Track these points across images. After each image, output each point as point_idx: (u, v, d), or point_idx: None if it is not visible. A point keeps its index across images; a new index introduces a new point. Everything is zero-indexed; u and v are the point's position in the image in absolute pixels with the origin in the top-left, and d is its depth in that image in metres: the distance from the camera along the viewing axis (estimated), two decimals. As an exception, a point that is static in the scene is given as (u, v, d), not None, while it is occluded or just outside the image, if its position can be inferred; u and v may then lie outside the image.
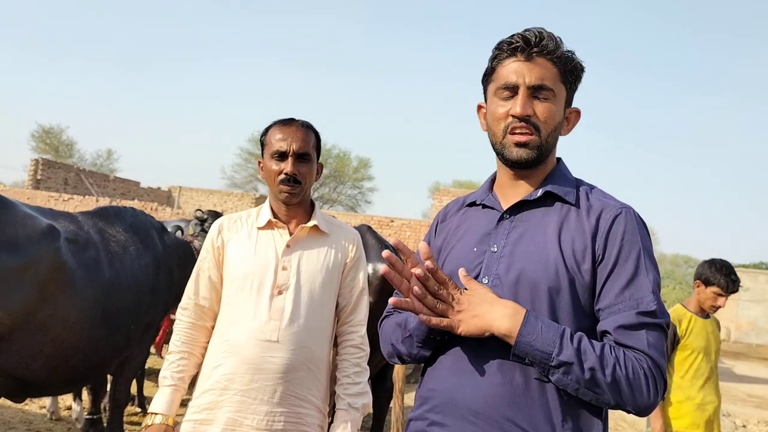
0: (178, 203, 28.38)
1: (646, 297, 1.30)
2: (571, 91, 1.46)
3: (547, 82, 1.39)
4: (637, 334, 1.27)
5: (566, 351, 1.23)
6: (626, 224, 1.35)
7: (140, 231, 3.68)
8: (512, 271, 1.36)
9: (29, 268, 2.80)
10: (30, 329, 2.83)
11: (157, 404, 2.03)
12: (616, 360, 1.23)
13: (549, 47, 1.39)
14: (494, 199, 1.51)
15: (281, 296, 2.02)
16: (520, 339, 1.25)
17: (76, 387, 3.63)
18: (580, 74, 1.46)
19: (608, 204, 1.39)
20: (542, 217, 1.41)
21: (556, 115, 1.41)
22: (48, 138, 33.93)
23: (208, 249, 2.14)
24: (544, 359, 1.24)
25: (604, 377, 1.22)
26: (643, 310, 1.28)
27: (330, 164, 31.14)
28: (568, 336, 1.25)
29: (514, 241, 1.40)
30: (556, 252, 1.34)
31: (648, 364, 1.25)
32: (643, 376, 1.23)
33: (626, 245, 1.33)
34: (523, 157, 1.40)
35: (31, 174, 22.27)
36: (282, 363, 1.97)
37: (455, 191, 18.10)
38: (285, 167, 2.06)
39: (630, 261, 1.32)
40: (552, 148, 1.45)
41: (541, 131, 1.40)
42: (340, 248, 2.16)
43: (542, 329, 1.25)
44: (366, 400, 2.12)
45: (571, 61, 1.42)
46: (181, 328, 2.12)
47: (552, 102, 1.40)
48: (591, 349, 1.24)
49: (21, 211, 2.93)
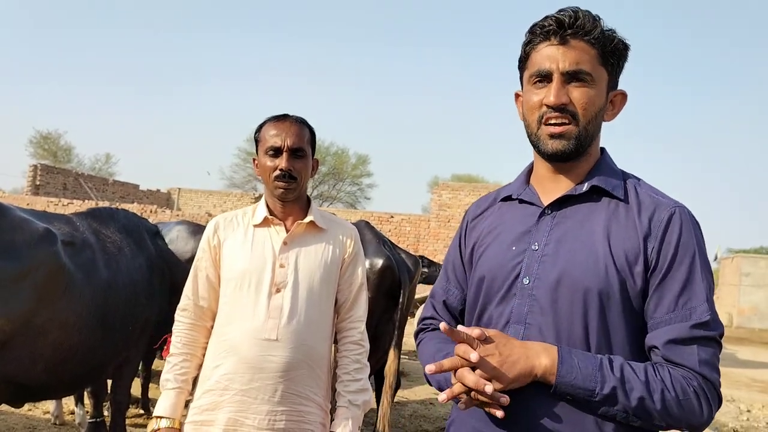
0: (177, 205, 28.38)
1: (699, 306, 1.20)
2: (615, 73, 1.34)
3: (584, 65, 1.28)
4: (687, 350, 1.18)
5: (609, 384, 1.15)
6: (682, 226, 1.25)
7: (133, 232, 3.68)
8: (555, 271, 1.27)
9: (28, 273, 2.79)
10: (30, 334, 2.82)
11: (161, 408, 2.01)
12: (662, 384, 1.16)
13: (585, 27, 1.28)
14: (532, 193, 1.41)
15: (279, 294, 2.01)
16: (560, 380, 1.18)
17: (77, 390, 3.64)
18: (624, 53, 1.34)
19: (661, 202, 1.29)
20: (588, 213, 1.31)
21: (596, 100, 1.30)
22: (46, 143, 33.94)
23: (205, 248, 2.12)
24: (588, 395, 1.17)
25: (653, 404, 1.15)
26: (696, 321, 1.19)
27: (328, 162, 31.13)
28: (608, 367, 1.17)
29: (558, 239, 1.31)
30: (605, 252, 1.25)
31: (698, 382, 1.17)
32: (693, 395, 1.16)
33: (681, 249, 1.23)
34: (559, 149, 1.30)
35: (30, 180, 22.27)
36: (282, 361, 1.96)
37: (454, 185, 18.09)
38: (280, 163, 2.03)
39: (684, 266, 1.22)
40: (594, 138, 1.34)
41: (579, 119, 1.29)
42: (337, 244, 2.14)
43: (579, 365, 1.17)
44: (367, 397, 2.10)
45: (612, 40, 1.30)
46: (181, 330, 2.10)
47: (590, 87, 1.29)
48: (635, 376, 1.16)
49: (17, 215, 2.91)
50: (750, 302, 24.98)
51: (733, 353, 15.09)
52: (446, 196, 17.20)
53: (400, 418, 5.87)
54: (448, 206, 17.05)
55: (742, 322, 25.75)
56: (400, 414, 5.98)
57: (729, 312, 26.95)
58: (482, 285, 1.40)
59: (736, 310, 26.22)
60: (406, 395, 6.79)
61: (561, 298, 1.26)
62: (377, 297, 4.03)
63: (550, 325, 1.26)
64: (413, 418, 5.96)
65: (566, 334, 1.25)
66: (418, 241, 17.11)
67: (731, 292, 27.20)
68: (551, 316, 1.26)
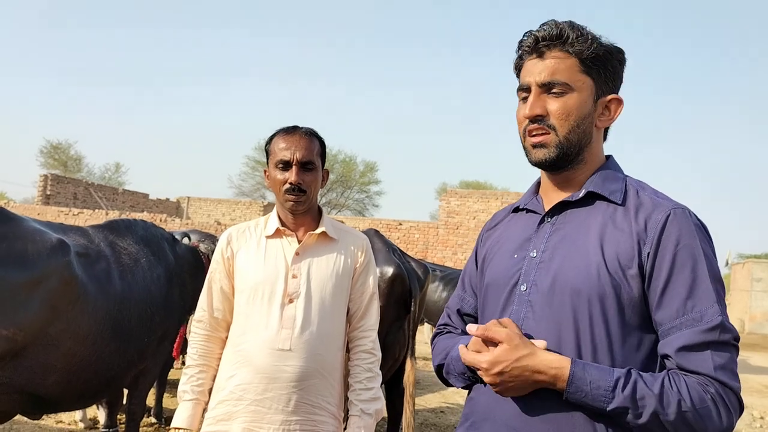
0: (187, 213, 28.50)
1: (708, 309, 1.17)
2: (603, 79, 1.34)
3: (560, 76, 1.31)
4: (701, 356, 1.16)
5: (619, 401, 1.14)
6: (681, 226, 1.22)
7: (151, 243, 3.67)
8: (550, 276, 1.28)
9: (40, 283, 2.80)
10: (42, 344, 2.84)
11: (179, 419, 2.04)
12: (678, 395, 1.13)
13: (562, 38, 1.31)
14: (538, 202, 1.43)
15: (292, 304, 2.03)
16: (567, 396, 1.18)
17: (92, 402, 3.63)
18: (610, 58, 1.34)
19: (660, 204, 1.27)
20: (585, 218, 1.32)
21: (576, 108, 1.31)
22: (56, 153, 34.23)
23: (218, 260, 2.14)
24: (598, 409, 1.17)
25: (667, 416, 1.13)
26: (707, 326, 1.16)
27: (336, 169, 31.19)
28: (621, 386, 1.15)
29: (555, 245, 1.32)
30: (597, 255, 1.24)
31: (716, 388, 1.14)
32: (711, 402, 1.13)
33: (682, 251, 1.20)
34: (541, 158, 1.33)
35: (40, 190, 22.44)
36: (295, 371, 1.98)
37: (462, 192, 18.09)
38: (289, 177, 2.05)
39: (687, 269, 1.19)
40: (581, 145, 1.34)
41: (557, 129, 1.31)
42: (349, 254, 2.16)
43: (591, 384, 1.16)
44: (379, 406, 2.11)
45: (590, 47, 1.31)
46: (197, 341, 2.13)
47: (568, 96, 1.31)
48: (649, 392, 1.14)
49: (30, 226, 2.94)
50: (762, 308, 24.75)
51: (746, 359, 14.96)
52: (455, 202, 17.21)
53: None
54: (456, 213, 17.05)
55: (754, 328, 25.51)
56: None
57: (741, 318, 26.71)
58: (488, 293, 1.43)
59: (748, 316, 25.99)
60: (417, 403, 6.77)
61: (554, 304, 1.26)
62: (388, 306, 4.04)
63: (543, 331, 1.26)
64: (424, 427, 5.95)
65: (558, 339, 1.25)
66: (426, 248, 17.11)
67: (743, 297, 26.98)
68: (544, 322, 1.27)
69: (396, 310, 4.27)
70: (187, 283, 3.78)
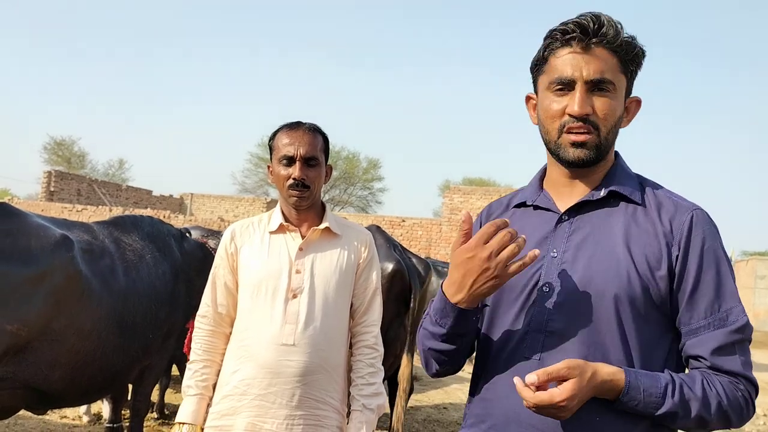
0: (190, 210, 28.55)
1: (734, 309, 1.23)
2: (632, 79, 1.34)
3: (608, 74, 1.26)
4: (732, 357, 1.22)
5: (668, 406, 1.18)
6: (704, 229, 1.25)
7: (157, 239, 3.67)
8: (575, 277, 1.26)
9: (43, 278, 2.81)
10: (46, 340, 2.85)
11: (184, 414, 2.05)
12: (718, 396, 1.19)
13: (608, 35, 1.25)
14: (548, 199, 1.39)
15: (296, 300, 2.03)
16: (622, 404, 1.18)
17: (96, 397, 3.64)
18: (641, 61, 1.33)
19: (680, 204, 1.28)
20: (606, 218, 1.30)
21: (617, 109, 1.29)
22: (60, 150, 34.30)
23: (222, 256, 2.15)
24: (646, 414, 1.19)
25: (710, 416, 1.19)
26: (735, 327, 1.22)
27: (340, 166, 31.19)
28: (671, 392, 1.18)
29: (577, 245, 1.29)
30: (626, 256, 1.23)
31: (744, 385, 1.22)
32: (742, 399, 1.21)
33: (707, 253, 1.24)
34: (581, 157, 1.28)
35: (44, 186, 22.50)
36: (299, 366, 1.98)
37: (465, 188, 18.08)
38: (293, 172, 2.06)
39: (712, 270, 1.23)
40: (612, 145, 1.33)
41: (600, 129, 1.27)
42: (352, 249, 2.17)
43: (644, 392, 1.17)
44: (381, 401, 2.12)
45: (633, 48, 1.28)
46: (201, 336, 2.13)
47: (612, 96, 1.28)
48: (693, 395, 1.19)
49: (34, 221, 2.95)
50: (765, 305, 24.72)
51: (749, 357, 14.91)
52: (458, 199, 17.20)
53: (414, 422, 5.88)
54: (459, 210, 17.04)
55: (758, 326, 25.47)
56: (413, 418, 5.99)
57: (744, 315, 26.62)
58: (503, 291, 1.34)
59: (752, 313, 25.94)
60: (419, 400, 6.79)
61: (583, 305, 1.24)
62: (388, 301, 4.04)
63: (573, 333, 1.24)
64: (427, 423, 5.96)
65: (590, 341, 1.23)
66: (429, 245, 17.11)
67: (746, 295, 26.94)
68: (574, 323, 1.24)
69: (396, 305, 4.27)
70: (194, 280, 3.77)
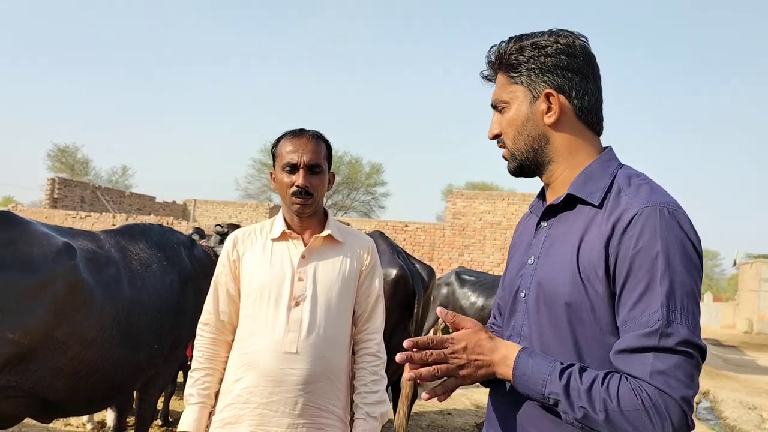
0: (193, 216, 28.58)
1: (653, 314, 1.12)
2: (531, 80, 1.33)
3: (499, 94, 1.39)
4: (637, 359, 1.12)
5: (551, 388, 1.16)
6: (644, 226, 1.16)
7: (166, 248, 3.63)
8: (538, 284, 1.30)
9: (45, 286, 2.79)
10: (49, 348, 2.83)
11: (186, 422, 2.04)
12: (606, 393, 1.11)
13: (492, 61, 1.40)
14: (541, 205, 1.43)
15: (298, 307, 2.03)
16: (515, 380, 1.22)
17: (101, 407, 3.60)
18: (526, 58, 1.33)
19: (632, 203, 1.20)
20: (572, 223, 1.30)
21: (515, 120, 1.36)
22: (63, 157, 34.43)
23: (224, 263, 2.15)
24: (539, 398, 1.19)
25: (596, 415, 1.11)
26: (645, 331, 1.12)
27: (342, 171, 31.20)
28: (557, 373, 1.16)
29: (546, 251, 1.32)
30: (573, 262, 1.23)
31: (649, 393, 1.09)
32: (640, 406, 1.09)
33: (641, 252, 1.15)
34: (509, 170, 1.42)
35: (48, 193, 22.53)
36: (302, 374, 1.98)
37: (468, 193, 18.06)
38: (296, 180, 2.06)
39: (643, 271, 1.15)
40: (533, 148, 1.35)
41: (506, 142, 1.39)
42: (355, 256, 2.16)
43: (533, 367, 1.19)
44: (384, 409, 2.11)
45: (504, 57, 1.36)
46: (203, 344, 2.13)
47: (506, 111, 1.38)
48: (580, 386, 1.13)
49: (36, 229, 2.93)
50: (770, 308, 24.62)
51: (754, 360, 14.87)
52: (461, 204, 17.17)
53: (418, 428, 5.86)
54: (462, 214, 17.01)
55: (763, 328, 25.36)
56: (417, 424, 5.97)
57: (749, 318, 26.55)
58: (505, 298, 1.45)
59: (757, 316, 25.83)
60: (423, 405, 6.77)
61: (543, 312, 1.28)
62: (391, 307, 4.04)
63: (537, 339, 1.29)
64: (430, 429, 5.95)
65: (545, 345, 1.27)
66: (432, 249, 17.09)
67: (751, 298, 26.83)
68: (536, 328, 1.30)
69: (400, 311, 4.27)
70: (203, 288, 3.73)
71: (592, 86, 1.34)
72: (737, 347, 20.84)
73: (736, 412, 8.55)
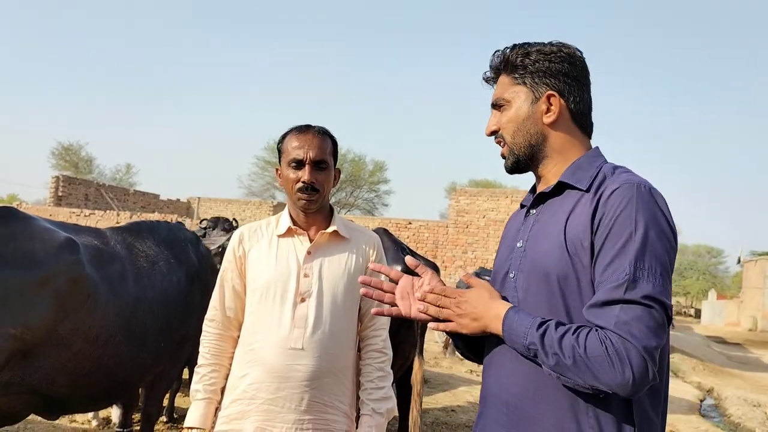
0: (197, 214, 28.63)
1: (621, 270, 1.23)
2: (533, 82, 1.47)
3: (499, 95, 1.51)
4: (606, 311, 1.22)
5: (530, 339, 1.26)
6: (623, 198, 1.28)
7: (174, 245, 3.62)
8: (529, 263, 1.41)
9: (47, 282, 2.77)
10: (52, 344, 2.81)
11: (192, 418, 2.04)
12: (575, 341, 1.21)
13: (494, 65, 1.53)
14: (531, 197, 1.56)
15: (304, 303, 2.03)
16: (504, 334, 1.32)
17: (106, 404, 3.60)
18: (531, 62, 1.47)
19: (615, 180, 1.34)
20: (559, 206, 1.43)
21: (515, 117, 1.49)
22: (68, 155, 34.48)
23: (230, 259, 2.14)
24: (522, 350, 1.29)
25: (564, 359, 1.21)
26: (613, 284, 1.22)
27: (346, 169, 31.18)
28: (536, 324, 1.27)
29: (535, 234, 1.44)
30: (560, 237, 1.35)
31: (613, 341, 1.18)
32: (604, 352, 1.18)
33: (618, 220, 1.27)
34: (506, 166, 1.54)
35: (52, 191, 22.60)
36: (308, 370, 1.98)
37: (471, 190, 18.05)
38: (302, 175, 2.05)
39: (617, 237, 1.26)
40: (534, 146, 1.48)
41: (506, 139, 1.51)
42: (360, 252, 2.16)
43: (517, 321, 1.30)
44: (390, 405, 2.11)
45: (510, 60, 1.49)
46: (209, 340, 2.13)
47: (507, 109, 1.50)
48: (553, 334, 1.24)
49: (39, 225, 2.92)
50: (775, 305, 24.56)
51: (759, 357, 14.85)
52: (464, 201, 17.16)
53: (422, 425, 5.86)
54: (466, 212, 17.01)
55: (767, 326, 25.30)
56: (422, 421, 5.97)
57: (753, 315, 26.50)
58: (494, 283, 1.55)
59: (761, 313, 25.78)
60: (427, 402, 6.77)
61: (534, 288, 1.38)
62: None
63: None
64: (435, 426, 5.95)
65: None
66: (436, 247, 17.08)
67: (755, 295, 26.78)
68: (530, 305, 1.37)
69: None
70: (211, 286, 3.72)
71: (586, 94, 1.49)
72: (742, 345, 20.82)
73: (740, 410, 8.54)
